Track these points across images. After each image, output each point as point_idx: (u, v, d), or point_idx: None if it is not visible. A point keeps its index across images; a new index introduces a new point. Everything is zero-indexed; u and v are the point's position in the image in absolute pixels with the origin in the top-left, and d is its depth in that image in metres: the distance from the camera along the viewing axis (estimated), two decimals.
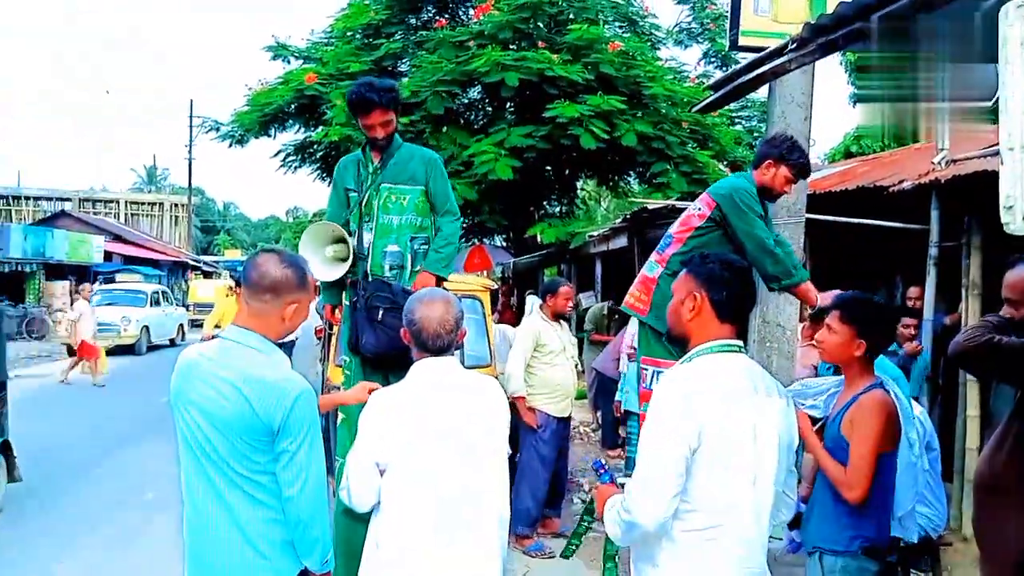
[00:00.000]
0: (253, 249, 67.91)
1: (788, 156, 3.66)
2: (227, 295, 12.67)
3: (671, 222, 8.45)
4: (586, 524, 2.49)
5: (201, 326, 14.71)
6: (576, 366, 5.78)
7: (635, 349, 5.71)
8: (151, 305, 21.14)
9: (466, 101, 13.45)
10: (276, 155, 15.02)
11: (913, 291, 6.32)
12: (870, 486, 2.58)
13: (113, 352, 17.05)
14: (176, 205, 42.84)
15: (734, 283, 2.23)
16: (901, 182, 6.00)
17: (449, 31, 11.99)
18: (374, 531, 2.40)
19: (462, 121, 13.06)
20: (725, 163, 13.85)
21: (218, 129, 14.80)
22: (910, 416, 2.86)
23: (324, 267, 3.68)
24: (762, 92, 7.22)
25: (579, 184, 15.91)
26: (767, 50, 2.93)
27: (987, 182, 4.97)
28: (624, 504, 2.05)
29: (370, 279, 3.62)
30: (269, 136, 14.59)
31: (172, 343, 22.14)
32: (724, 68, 15.10)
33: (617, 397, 5.96)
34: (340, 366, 5.33)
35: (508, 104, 12.80)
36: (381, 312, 3.44)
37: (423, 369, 2.47)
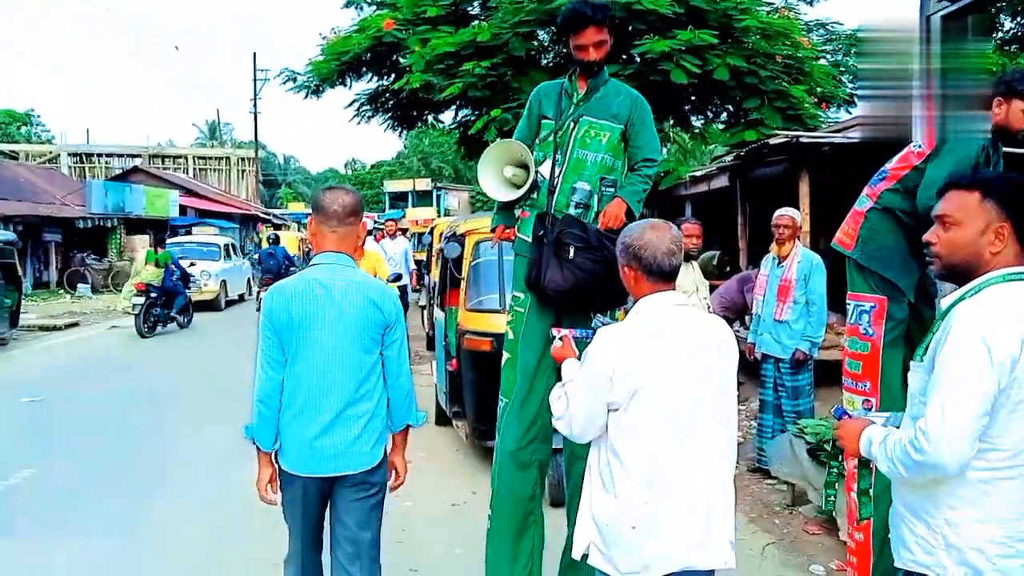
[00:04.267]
0: None
1: (1019, 87, 3.22)
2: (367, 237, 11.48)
3: (780, 160, 8.09)
4: (836, 470, 2.35)
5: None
6: (707, 307, 5.61)
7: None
8: (225, 258, 19.80)
9: (544, 43, 13.09)
10: (351, 104, 14.95)
11: None
12: None
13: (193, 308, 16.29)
14: (242, 159, 43.33)
15: None
16: None
17: None
18: (608, 459, 2.32)
19: (543, 63, 12.72)
20: (814, 98, 13.25)
21: (295, 80, 14.72)
22: None
23: (500, 187, 3.47)
24: (850, 23, 6.73)
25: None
26: None
27: None
28: (916, 443, 1.90)
29: (557, 214, 3.36)
30: (345, 86, 14.49)
31: (241, 298, 20.82)
32: (810, 2, 14.36)
33: (750, 339, 5.76)
34: (475, 310, 5.34)
35: None
36: (572, 250, 3.22)
37: (656, 301, 2.35)
